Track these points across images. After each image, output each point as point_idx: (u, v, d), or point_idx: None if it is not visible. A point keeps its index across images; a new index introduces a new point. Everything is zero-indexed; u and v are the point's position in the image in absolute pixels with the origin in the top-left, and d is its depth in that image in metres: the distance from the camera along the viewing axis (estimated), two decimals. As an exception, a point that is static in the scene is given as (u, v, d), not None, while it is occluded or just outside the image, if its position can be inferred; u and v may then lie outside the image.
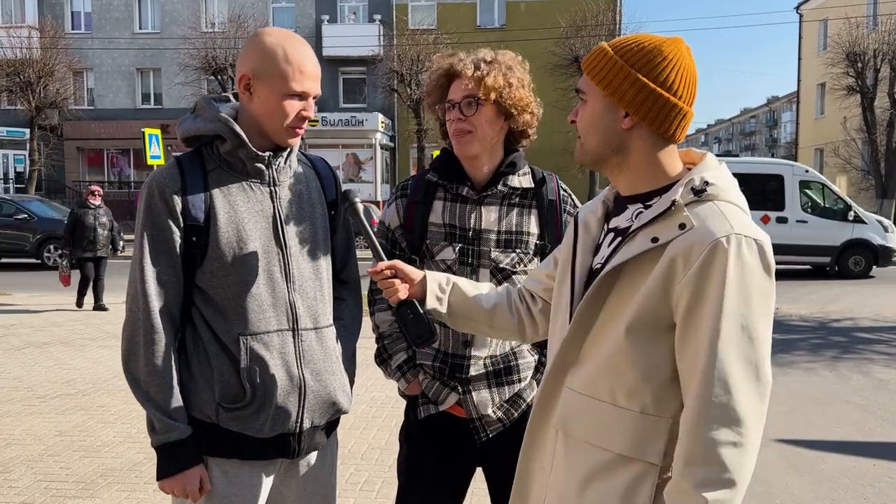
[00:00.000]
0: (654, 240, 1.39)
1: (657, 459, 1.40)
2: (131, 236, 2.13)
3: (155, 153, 18.52)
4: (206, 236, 1.75)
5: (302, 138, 1.89)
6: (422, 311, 1.77)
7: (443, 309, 1.80)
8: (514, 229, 2.09)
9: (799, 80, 38.55)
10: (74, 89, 30.85)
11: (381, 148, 30.23)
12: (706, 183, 1.40)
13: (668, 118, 1.44)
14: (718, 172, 1.45)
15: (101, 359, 7.33)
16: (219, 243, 1.75)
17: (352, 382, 2.00)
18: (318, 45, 31.66)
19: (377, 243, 1.85)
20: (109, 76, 32.86)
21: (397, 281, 1.77)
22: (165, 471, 1.74)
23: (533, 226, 2.11)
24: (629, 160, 1.48)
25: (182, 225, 1.75)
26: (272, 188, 1.84)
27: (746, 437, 1.32)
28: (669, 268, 1.36)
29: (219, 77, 25.21)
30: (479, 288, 1.85)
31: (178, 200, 1.74)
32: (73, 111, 29.98)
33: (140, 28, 33.00)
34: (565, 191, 2.19)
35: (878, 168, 24.08)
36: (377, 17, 31.74)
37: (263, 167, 1.82)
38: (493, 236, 2.08)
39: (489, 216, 2.09)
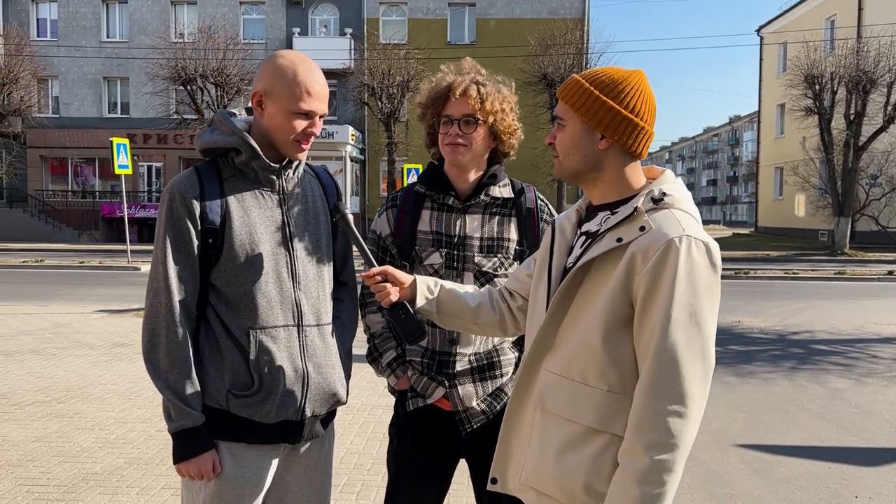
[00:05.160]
0: (619, 240, 1.61)
1: (621, 431, 1.60)
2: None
3: (122, 163, 18.39)
4: (222, 238, 1.91)
5: None
6: (412, 311, 1.96)
7: (432, 308, 2.00)
8: (495, 236, 2.28)
9: (760, 101, 39.70)
10: (39, 97, 30.42)
11: (351, 160, 30.33)
12: (664, 193, 1.64)
13: (636, 138, 1.67)
14: (675, 185, 1.70)
15: (74, 367, 7.31)
16: (233, 245, 1.91)
17: (348, 377, 2.15)
18: (288, 58, 31.66)
19: (368, 250, 2.07)
20: (75, 84, 32.49)
21: (388, 285, 1.96)
22: (181, 455, 1.87)
23: (513, 232, 2.30)
24: (603, 175, 1.71)
25: (200, 227, 1.90)
26: (281, 196, 2.01)
27: (690, 409, 1.53)
28: (630, 263, 1.57)
29: (188, 87, 25.04)
30: (464, 288, 2.07)
31: (196, 205, 1.89)
32: (37, 119, 29.55)
33: (108, 36, 32.71)
34: (542, 201, 2.38)
35: (835, 187, 24.82)
36: (348, 30, 31.91)
37: (274, 177, 1.99)
38: (477, 242, 2.26)
39: (473, 224, 2.27)
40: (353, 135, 29.83)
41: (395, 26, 32.52)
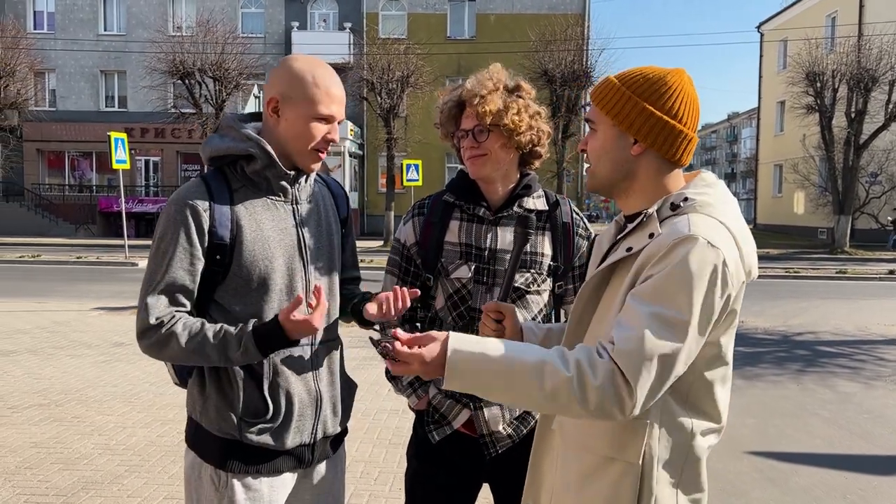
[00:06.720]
0: (629, 249, 1.52)
1: (636, 458, 1.49)
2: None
3: (121, 157, 18.28)
4: (231, 255, 1.77)
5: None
6: None
7: None
8: (528, 250, 2.14)
9: (759, 98, 39.58)
10: (35, 90, 30.19)
11: (350, 156, 30.16)
12: (685, 199, 1.50)
13: (674, 144, 1.53)
14: (706, 189, 1.53)
15: (72, 368, 7.19)
16: (244, 261, 1.78)
17: (351, 396, 2.07)
18: (287, 52, 31.51)
19: (511, 280, 1.87)
20: (72, 77, 32.25)
21: (493, 325, 1.78)
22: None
23: (547, 247, 2.17)
24: (636, 184, 1.57)
25: (207, 244, 1.75)
26: (294, 206, 1.88)
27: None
28: (636, 273, 1.47)
29: (186, 81, 24.83)
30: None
31: (206, 219, 1.75)
32: (34, 112, 29.29)
33: (105, 30, 32.46)
34: (577, 214, 2.25)
35: (835, 185, 24.74)
36: (348, 25, 31.72)
37: (288, 185, 1.86)
38: (509, 256, 2.12)
39: (505, 237, 2.14)
40: (351, 130, 29.65)
41: (394, 21, 32.31)
